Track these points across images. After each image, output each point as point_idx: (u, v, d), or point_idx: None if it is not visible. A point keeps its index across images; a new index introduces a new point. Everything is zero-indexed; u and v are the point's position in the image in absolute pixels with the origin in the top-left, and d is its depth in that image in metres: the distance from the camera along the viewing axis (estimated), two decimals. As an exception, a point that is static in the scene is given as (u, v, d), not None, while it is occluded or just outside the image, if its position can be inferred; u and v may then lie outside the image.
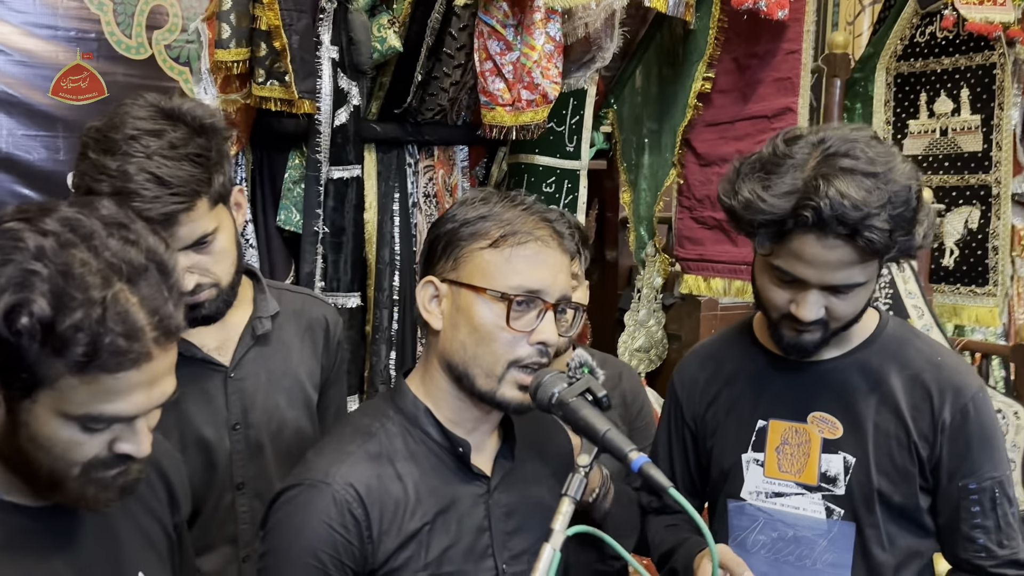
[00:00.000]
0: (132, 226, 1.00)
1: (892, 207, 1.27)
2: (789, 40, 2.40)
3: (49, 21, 3.42)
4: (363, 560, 1.20)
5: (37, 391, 0.94)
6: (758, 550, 1.49)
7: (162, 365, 0.99)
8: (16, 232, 0.94)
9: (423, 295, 1.29)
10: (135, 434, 1.01)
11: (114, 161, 1.31)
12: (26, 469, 1.00)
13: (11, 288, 0.90)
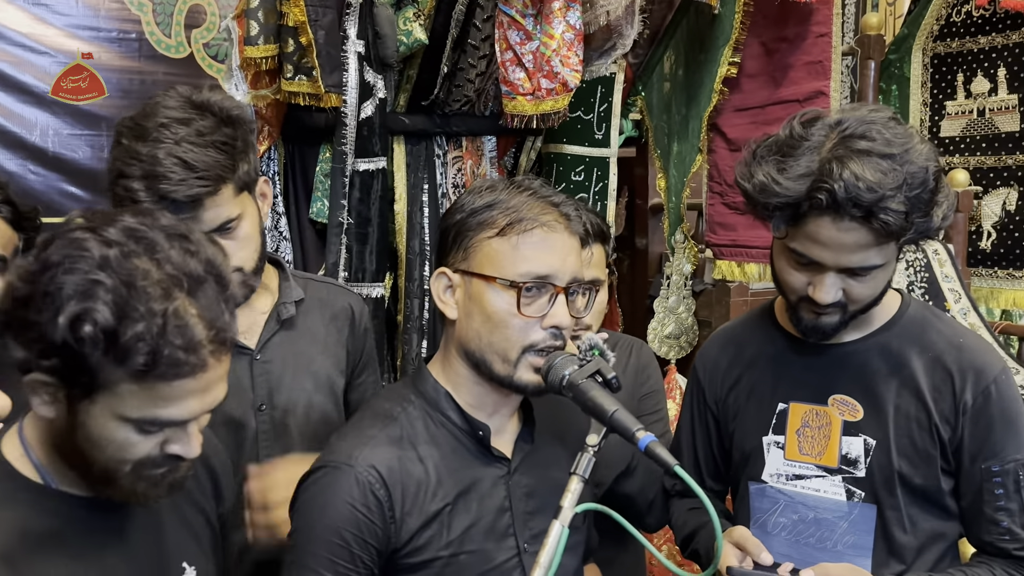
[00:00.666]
0: (192, 236, 1.04)
1: (908, 188, 1.26)
2: (818, 23, 2.37)
3: (92, 23, 3.53)
4: (386, 539, 1.24)
5: (96, 394, 0.99)
6: (779, 532, 1.49)
7: (216, 373, 1.03)
8: (81, 241, 0.97)
9: (437, 286, 1.32)
10: (187, 437, 1.06)
11: (144, 147, 1.37)
12: (81, 465, 1.05)
13: (76, 297, 0.94)
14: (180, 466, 1.08)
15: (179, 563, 1.19)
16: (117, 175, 1.39)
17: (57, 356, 0.96)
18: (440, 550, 1.26)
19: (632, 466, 1.68)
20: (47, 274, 0.96)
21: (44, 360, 0.97)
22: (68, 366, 0.97)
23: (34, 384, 1.00)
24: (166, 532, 1.19)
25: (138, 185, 1.37)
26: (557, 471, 1.39)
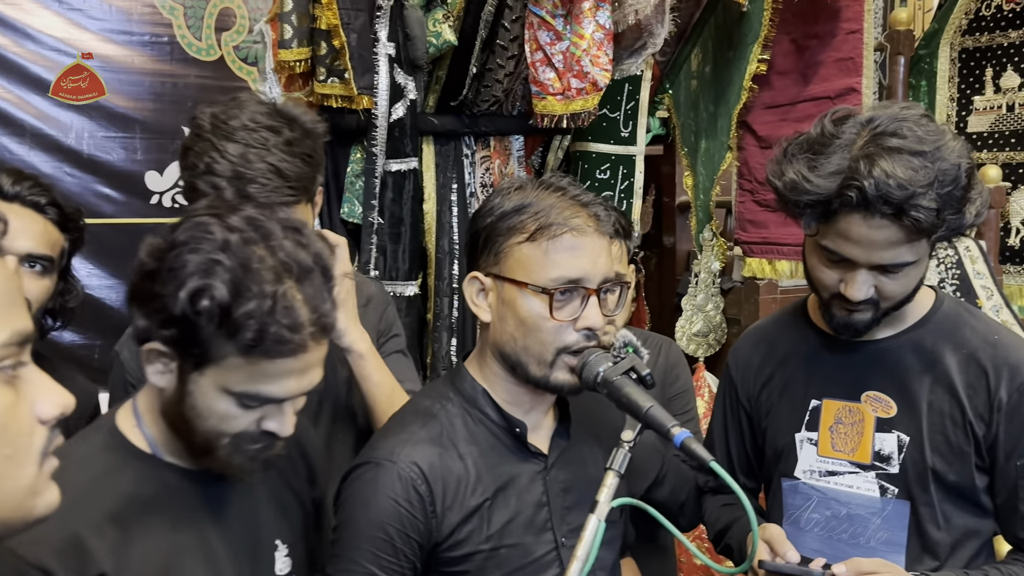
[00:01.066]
0: (304, 231, 1.12)
1: (940, 186, 1.26)
2: (849, 20, 2.37)
3: (124, 27, 3.59)
4: (428, 533, 1.27)
5: (205, 366, 1.07)
6: (812, 528, 1.50)
7: (314, 357, 1.11)
8: (207, 225, 1.07)
9: (470, 290, 1.34)
10: (282, 415, 1.13)
11: (234, 147, 1.41)
12: (185, 434, 1.14)
13: (198, 273, 1.03)
14: (274, 444, 1.15)
15: (272, 540, 1.26)
16: (205, 170, 1.42)
17: (175, 327, 1.05)
18: (480, 544, 1.29)
19: (662, 474, 1.69)
20: (173, 252, 1.06)
21: (163, 330, 1.07)
22: (184, 337, 1.06)
23: (151, 353, 1.10)
24: (261, 510, 1.26)
25: (226, 184, 1.40)
26: (593, 467, 1.41)
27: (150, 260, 1.08)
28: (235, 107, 1.45)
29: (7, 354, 0.74)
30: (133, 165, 3.61)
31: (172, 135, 3.66)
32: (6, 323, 0.74)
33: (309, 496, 1.37)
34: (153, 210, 3.64)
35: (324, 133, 1.53)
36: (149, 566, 1.10)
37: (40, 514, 0.78)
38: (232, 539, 1.20)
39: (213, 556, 1.17)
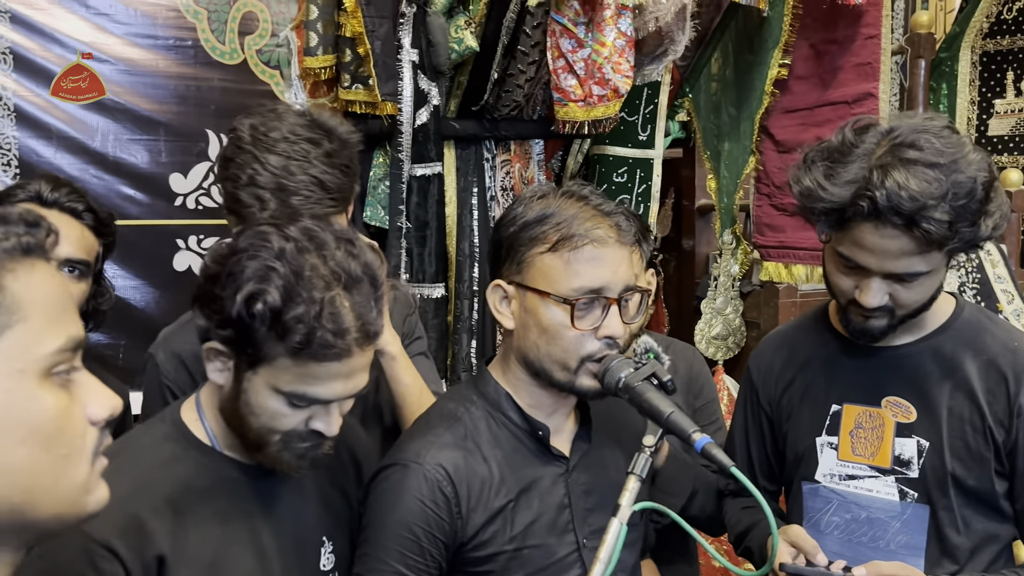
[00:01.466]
0: (356, 242, 1.18)
1: (954, 198, 1.26)
2: (868, 25, 2.37)
3: (149, 31, 3.64)
4: (453, 534, 1.30)
5: (259, 365, 1.14)
6: (832, 531, 1.52)
7: (360, 362, 1.17)
8: (266, 234, 1.15)
9: (493, 298, 1.36)
10: (329, 416, 1.19)
11: (276, 159, 1.43)
12: (239, 429, 1.20)
13: (254, 279, 1.10)
14: (322, 443, 1.21)
15: (319, 536, 1.31)
16: (248, 182, 1.44)
17: (231, 327, 1.13)
18: (504, 544, 1.31)
19: (694, 491, 1.71)
20: (234, 258, 1.14)
21: (221, 330, 1.14)
22: (239, 337, 1.13)
23: (210, 351, 1.18)
24: (310, 506, 1.32)
25: (269, 195, 1.43)
26: (614, 470, 1.43)
27: (214, 265, 1.16)
28: (274, 119, 1.47)
29: (62, 359, 0.77)
30: (157, 167, 3.67)
31: (196, 138, 3.71)
32: (61, 330, 0.77)
33: (355, 496, 1.41)
34: (177, 212, 3.69)
35: (359, 143, 1.56)
36: (202, 552, 1.16)
37: (91, 511, 0.81)
38: (281, 533, 1.26)
39: (262, 548, 1.23)
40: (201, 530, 1.17)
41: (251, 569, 1.20)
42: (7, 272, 0.74)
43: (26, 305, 0.74)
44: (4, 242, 0.74)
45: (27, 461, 0.74)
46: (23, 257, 0.76)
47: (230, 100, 3.76)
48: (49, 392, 0.76)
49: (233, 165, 1.47)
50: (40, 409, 0.75)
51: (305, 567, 1.28)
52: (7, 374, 0.73)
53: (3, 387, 0.73)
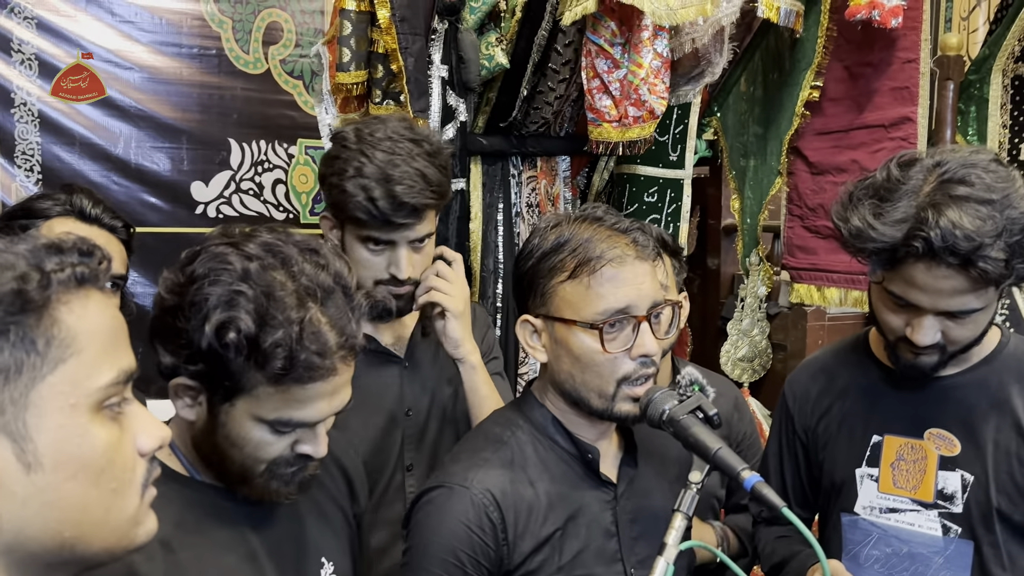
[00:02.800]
0: (321, 251, 1.11)
1: (1009, 235, 1.25)
2: (905, 49, 2.35)
3: (174, 40, 3.65)
4: (499, 561, 1.27)
5: (236, 397, 1.07)
6: (871, 564, 1.49)
7: (343, 378, 1.10)
8: (224, 255, 1.06)
9: (523, 333, 1.35)
10: (315, 437, 1.13)
11: (381, 154, 1.56)
12: (219, 464, 1.13)
13: (221, 306, 1.02)
14: (308, 465, 1.15)
15: (318, 558, 1.26)
16: (354, 173, 1.55)
17: (203, 361, 1.04)
18: (552, 574, 1.29)
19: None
20: (193, 286, 1.05)
21: (191, 365, 1.06)
22: (212, 370, 1.05)
23: (178, 388, 1.09)
24: (307, 527, 1.26)
25: (375, 184, 1.53)
26: (659, 496, 1.41)
27: (170, 296, 1.07)
28: (376, 123, 1.60)
29: (114, 392, 0.76)
30: (179, 175, 3.68)
31: (218, 146, 3.72)
32: (114, 363, 0.76)
33: (352, 511, 1.37)
34: (198, 220, 3.70)
35: (451, 151, 1.67)
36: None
37: (140, 542, 0.81)
38: (280, 557, 1.20)
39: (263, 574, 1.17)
40: (198, 567, 1.10)
41: None
42: (62, 305, 0.73)
43: (80, 338, 0.74)
44: (59, 273, 0.73)
45: (78, 496, 0.73)
46: (78, 288, 0.75)
47: (253, 109, 3.78)
48: (100, 426, 0.75)
49: (339, 161, 1.58)
50: (91, 444, 0.74)
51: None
52: (59, 409, 0.72)
53: (55, 423, 0.72)
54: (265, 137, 3.82)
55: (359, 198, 1.54)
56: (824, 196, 2.52)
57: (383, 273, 1.64)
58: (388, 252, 1.63)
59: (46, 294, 0.71)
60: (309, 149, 3.91)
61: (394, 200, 1.54)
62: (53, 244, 0.74)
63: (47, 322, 0.72)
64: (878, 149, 2.38)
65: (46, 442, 0.71)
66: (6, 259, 0.71)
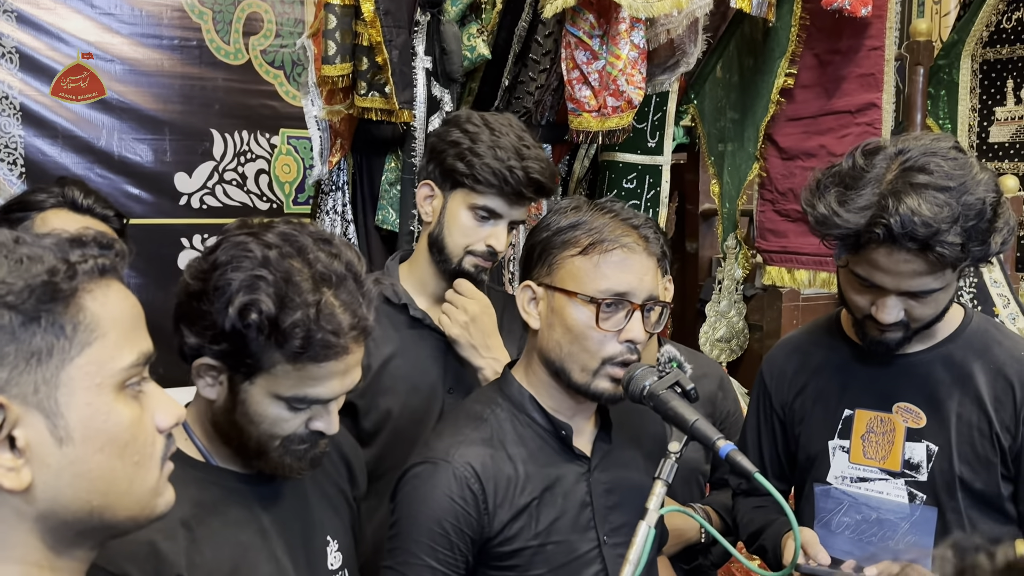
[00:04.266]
0: (334, 241, 1.19)
1: (964, 220, 1.31)
2: (872, 36, 2.42)
3: (154, 31, 3.66)
4: (480, 529, 1.35)
5: (256, 375, 1.14)
6: (842, 531, 1.57)
7: (355, 358, 1.18)
8: (245, 244, 1.14)
9: (522, 298, 1.42)
10: (328, 415, 1.21)
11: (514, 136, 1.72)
12: (238, 440, 1.20)
13: (243, 290, 1.10)
14: (319, 443, 1.23)
15: (324, 536, 1.33)
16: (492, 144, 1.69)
17: (226, 341, 1.12)
18: (529, 540, 1.37)
19: None
20: (217, 272, 1.13)
21: (214, 345, 1.14)
22: (234, 350, 1.13)
23: (201, 368, 1.17)
24: (312, 508, 1.34)
25: (513, 156, 1.67)
26: (634, 471, 1.48)
27: (195, 281, 1.15)
28: (494, 113, 1.80)
29: (135, 373, 0.82)
30: (162, 167, 3.69)
31: (200, 137, 3.74)
32: (134, 346, 0.82)
33: (352, 494, 1.44)
34: (181, 211, 3.72)
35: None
36: (220, 565, 1.17)
37: (160, 512, 0.87)
38: (290, 537, 1.27)
39: (275, 553, 1.24)
40: (215, 543, 1.18)
41: (268, 573, 1.22)
42: (86, 293, 0.79)
43: (104, 323, 0.80)
44: (83, 264, 0.79)
45: (105, 468, 0.80)
46: (100, 278, 0.81)
47: (235, 100, 3.80)
48: (124, 404, 0.81)
49: (468, 133, 1.72)
50: (116, 420, 0.80)
51: (315, 568, 1.30)
52: (87, 388, 0.78)
53: (83, 400, 0.78)
54: (247, 127, 3.84)
55: (497, 165, 1.67)
56: (794, 181, 2.59)
57: (480, 244, 1.74)
58: (491, 226, 1.74)
59: (73, 284, 0.77)
60: (291, 139, 3.94)
61: (527, 174, 1.68)
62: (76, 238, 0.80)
63: (73, 309, 0.78)
64: (845, 134, 2.46)
65: (76, 418, 0.78)
66: (35, 252, 0.76)
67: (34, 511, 0.78)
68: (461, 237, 1.74)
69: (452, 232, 1.75)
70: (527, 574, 1.37)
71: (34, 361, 0.75)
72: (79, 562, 0.83)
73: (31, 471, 0.76)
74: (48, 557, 0.80)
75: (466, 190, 1.73)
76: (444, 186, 1.77)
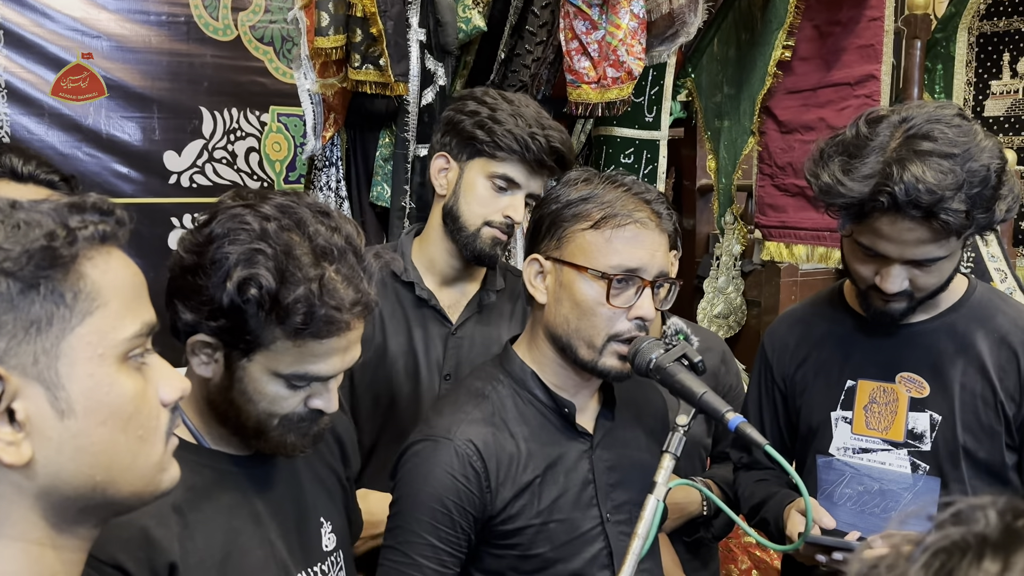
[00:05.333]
0: (332, 214, 1.15)
1: (969, 187, 1.30)
2: (872, 7, 2.39)
3: (142, 7, 3.60)
4: (482, 507, 1.33)
5: (254, 352, 1.10)
6: (844, 502, 1.57)
7: (356, 334, 1.14)
8: (241, 216, 1.09)
9: (529, 271, 1.39)
10: (328, 392, 1.17)
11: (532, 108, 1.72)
12: (235, 420, 1.16)
13: (241, 264, 1.06)
14: (320, 420, 1.19)
15: (318, 518, 1.31)
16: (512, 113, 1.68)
17: (223, 317, 1.08)
18: (532, 518, 1.35)
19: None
20: (213, 245, 1.08)
21: (211, 321, 1.09)
22: (232, 326, 1.08)
23: (196, 345, 1.12)
24: (306, 490, 1.30)
25: (534, 124, 1.66)
26: (635, 449, 1.47)
27: (188, 255, 1.10)
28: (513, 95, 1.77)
29: (138, 344, 0.80)
30: (151, 145, 3.65)
31: (190, 115, 3.69)
32: (137, 315, 0.80)
33: (344, 474, 1.42)
34: (171, 190, 3.68)
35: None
36: (212, 550, 1.14)
37: (165, 488, 0.84)
38: (283, 519, 1.24)
39: (268, 536, 1.21)
40: (208, 528, 1.14)
41: (261, 558, 1.19)
42: (87, 260, 0.76)
43: (105, 292, 0.77)
44: (83, 230, 0.76)
45: (108, 441, 0.77)
46: (101, 245, 0.78)
47: (223, 77, 3.75)
48: (126, 375, 0.78)
49: (486, 104, 1.71)
50: (119, 392, 0.77)
51: (309, 549, 1.27)
52: (88, 359, 0.76)
53: (85, 371, 0.75)
54: (237, 105, 3.79)
55: (520, 132, 1.65)
56: (793, 154, 2.58)
57: (496, 215, 1.71)
58: (509, 196, 1.71)
59: (73, 250, 0.74)
60: (282, 116, 3.89)
61: (548, 143, 1.66)
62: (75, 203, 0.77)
63: (74, 277, 0.75)
64: (844, 107, 2.44)
65: (77, 390, 0.75)
66: (32, 218, 0.73)
67: (35, 487, 0.75)
68: (479, 207, 1.71)
69: (469, 202, 1.72)
70: (530, 552, 1.35)
71: (33, 330, 0.73)
72: (82, 540, 0.81)
73: (31, 445, 0.73)
74: (50, 535, 0.77)
75: (485, 158, 1.70)
76: (461, 156, 1.74)
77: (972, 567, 0.46)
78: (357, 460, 1.47)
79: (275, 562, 1.20)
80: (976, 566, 0.46)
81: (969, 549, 0.47)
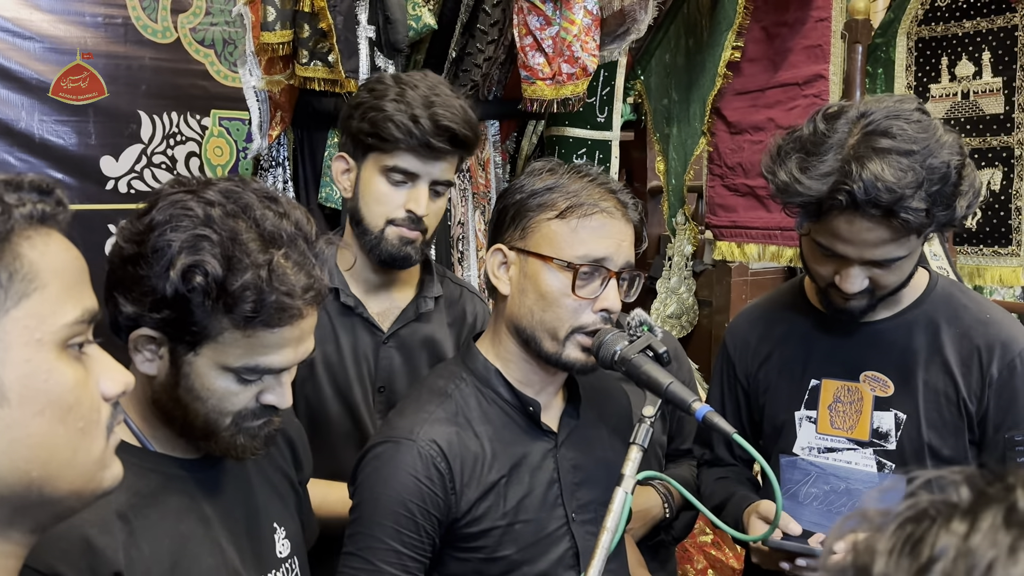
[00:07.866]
0: (280, 199, 1.09)
1: (929, 184, 1.28)
2: (818, 8, 2.42)
3: (76, 7, 3.48)
4: (447, 509, 1.29)
5: (201, 345, 1.04)
6: (810, 502, 1.55)
7: (309, 324, 1.09)
8: (184, 202, 1.03)
9: (492, 262, 1.36)
10: (281, 386, 1.11)
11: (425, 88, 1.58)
12: (182, 420, 1.09)
13: (185, 251, 1.00)
14: (272, 419, 1.14)
15: (270, 523, 1.25)
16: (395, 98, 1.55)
17: (167, 308, 1.02)
18: (497, 520, 1.31)
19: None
20: (154, 233, 1.02)
21: (155, 313, 1.03)
22: (177, 317, 1.02)
23: (139, 341, 1.06)
24: (257, 495, 1.24)
25: (419, 106, 1.53)
26: (600, 447, 1.44)
27: (129, 245, 1.04)
28: (414, 73, 1.63)
29: (78, 331, 0.74)
30: (87, 150, 3.52)
31: (127, 119, 3.57)
32: (78, 301, 0.74)
33: (297, 479, 1.36)
34: (108, 196, 3.55)
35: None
36: (160, 558, 1.08)
37: (107, 486, 0.79)
38: (233, 525, 1.18)
39: (218, 543, 1.15)
40: (154, 535, 1.08)
41: (212, 566, 1.12)
42: (24, 240, 0.71)
43: (44, 274, 0.72)
44: (20, 208, 0.71)
45: (46, 433, 0.72)
46: (39, 225, 0.73)
47: (163, 80, 3.64)
48: (66, 364, 0.73)
49: (375, 92, 1.59)
50: (58, 380, 0.72)
51: (262, 556, 1.21)
52: (25, 343, 0.70)
53: (22, 356, 0.70)
54: (177, 108, 3.69)
55: (401, 117, 1.53)
56: (742, 155, 2.59)
57: (399, 211, 1.59)
58: (408, 189, 1.60)
59: (8, 226, 0.69)
60: (223, 120, 3.79)
61: (436, 123, 1.53)
62: (11, 180, 0.72)
63: (9, 256, 0.69)
64: (792, 107, 2.46)
65: (12, 377, 0.69)
66: None
67: None
68: (378, 206, 1.60)
69: (368, 203, 1.61)
70: (495, 555, 1.32)
71: None
72: (15, 546, 0.74)
73: None
74: None
75: (376, 153, 1.59)
76: (356, 154, 1.63)
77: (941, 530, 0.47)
78: (310, 464, 1.41)
79: (227, 569, 1.14)
80: (945, 528, 0.47)
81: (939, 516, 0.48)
